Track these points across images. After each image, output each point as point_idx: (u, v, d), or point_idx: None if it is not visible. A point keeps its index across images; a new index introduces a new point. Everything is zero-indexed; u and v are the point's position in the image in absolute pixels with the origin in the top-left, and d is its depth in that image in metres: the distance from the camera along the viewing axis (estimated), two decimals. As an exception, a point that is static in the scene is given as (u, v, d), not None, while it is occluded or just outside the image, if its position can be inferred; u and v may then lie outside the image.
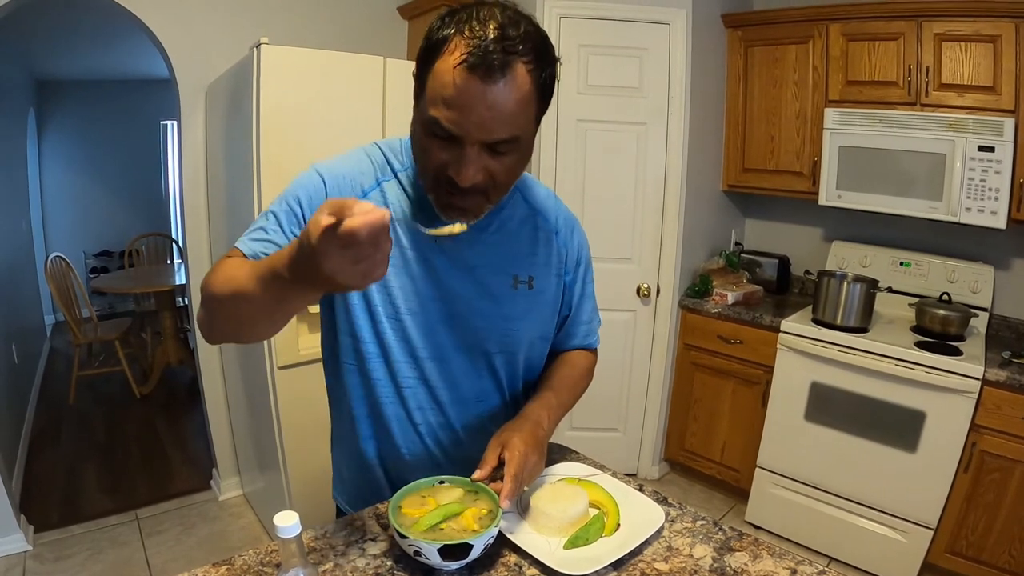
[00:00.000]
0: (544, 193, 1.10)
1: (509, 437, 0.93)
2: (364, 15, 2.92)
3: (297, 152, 2.00)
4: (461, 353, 1.02)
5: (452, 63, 0.77)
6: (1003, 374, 2.10)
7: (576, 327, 1.17)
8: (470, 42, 0.76)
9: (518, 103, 0.80)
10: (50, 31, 4.00)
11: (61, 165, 5.88)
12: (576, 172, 2.84)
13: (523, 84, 0.79)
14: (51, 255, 4.11)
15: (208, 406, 2.84)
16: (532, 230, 1.05)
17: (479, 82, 0.76)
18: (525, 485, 0.93)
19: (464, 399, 1.06)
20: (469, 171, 0.82)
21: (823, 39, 2.63)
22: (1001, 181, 2.23)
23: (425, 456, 1.08)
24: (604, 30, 2.72)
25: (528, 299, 1.04)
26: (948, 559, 2.28)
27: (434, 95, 0.80)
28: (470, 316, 1.00)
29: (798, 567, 0.90)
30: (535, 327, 1.08)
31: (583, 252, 1.13)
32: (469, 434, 1.08)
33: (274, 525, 0.71)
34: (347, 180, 0.95)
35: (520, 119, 0.82)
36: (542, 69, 0.82)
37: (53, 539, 2.55)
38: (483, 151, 0.82)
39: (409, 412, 1.04)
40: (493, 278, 1.01)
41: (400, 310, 0.98)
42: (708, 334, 2.91)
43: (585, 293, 1.16)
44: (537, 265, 1.05)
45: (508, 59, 0.77)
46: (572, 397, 1.14)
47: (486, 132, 0.80)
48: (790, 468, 2.63)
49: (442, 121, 0.79)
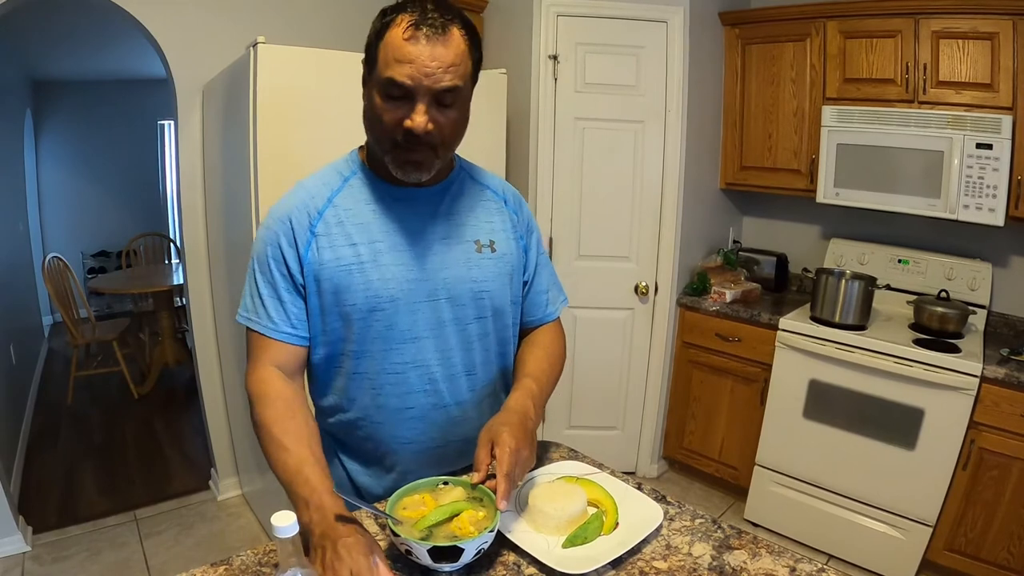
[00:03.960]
0: (490, 174, 1.21)
1: (498, 432, 0.94)
2: (361, 14, 2.89)
3: (294, 151, 2.00)
4: (448, 326, 1.08)
5: (402, 29, 0.91)
6: (1001, 371, 2.10)
7: (538, 295, 1.23)
8: (413, 14, 0.91)
9: (457, 55, 0.93)
10: (46, 31, 3.98)
11: (58, 165, 5.87)
12: (574, 170, 2.84)
13: (460, 44, 0.94)
14: (49, 256, 4.10)
15: (206, 406, 2.84)
16: (484, 202, 1.15)
17: (424, 38, 0.90)
18: (518, 480, 0.94)
19: (455, 373, 1.11)
20: (423, 118, 0.93)
21: (820, 37, 2.63)
22: (999, 178, 2.23)
23: (419, 439, 1.11)
24: (601, 28, 2.71)
25: (494, 262, 1.12)
26: (947, 556, 2.28)
27: (386, 59, 0.92)
28: (447, 286, 1.07)
29: (797, 565, 0.90)
30: (505, 289, 1.14)
31: (532, 222, 1.23)
32: (462, 409, 1.13)
33: (272, 525, 0.71)
34: (299, 210, 1.04)
35: (460, 70, 0.94)
36: (474, 45, 0.97)
37: (51, 540, 2.54)
38: (432, 104, 0.94)
39: (400, 398, 1.08)
40: (458, 247, 1.09)
41: (382, 299, 1.02)
42: (706, 332, 2.91)
43: (540, 261, 1.23)
44: (495, 231, 1.14)
45: (446, 22, 0.92)
46: (551, 382, 1.18)
47: (433, 80, 0.92)
48: (789, 466, 2.63)
49: (396, 77, 0.91)
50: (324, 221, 1.03)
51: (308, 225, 1.03)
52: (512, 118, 2.72)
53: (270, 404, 0.99)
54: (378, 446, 1.12)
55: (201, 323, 2.77)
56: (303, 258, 1.02)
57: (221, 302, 2.65)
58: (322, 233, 1.02)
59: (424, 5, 0.92)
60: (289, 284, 1.03)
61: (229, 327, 2.58)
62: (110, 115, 5.96)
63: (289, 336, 1.04)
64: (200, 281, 2.73)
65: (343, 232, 1.03)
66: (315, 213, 1.03)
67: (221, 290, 2.62)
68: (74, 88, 5.76)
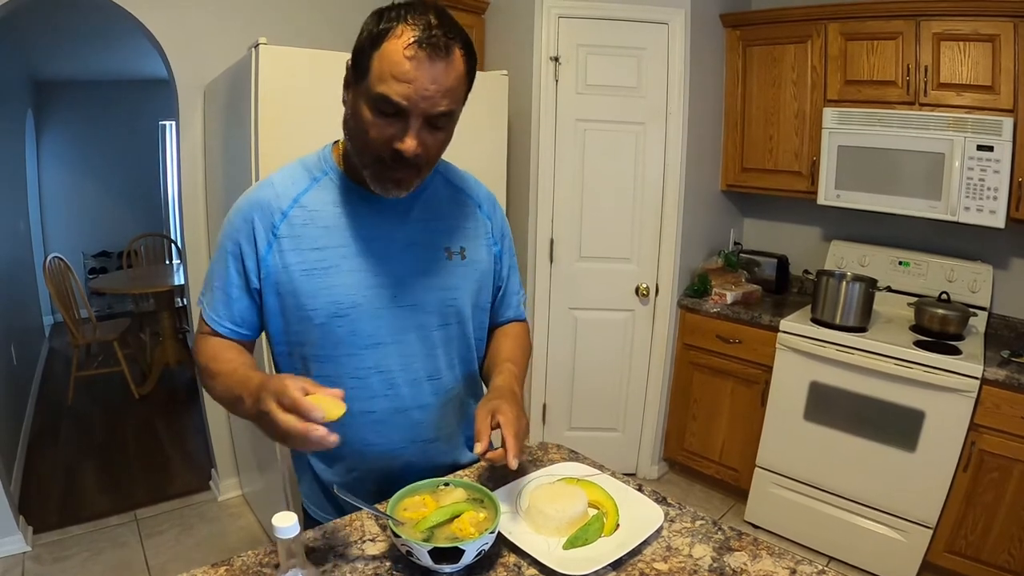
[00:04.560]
0: (463, 174, 1.19)
1: (497, 405, 0.97)
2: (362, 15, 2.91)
3: (295, 152, 1.96)
4: (411, 332, 1.07)
5: (402, 44, 0.86)
6: (1002, 373, 2.10)
7: (509, 297, 1.25)
8: (416, 27, 0.87)
9: (457, 79, 0.91)
10: (48, 31, 3.99)
11: (59, 166, 5.87)
12: (575, 172, 2.84)
13: (459, 65, 0.91)
14: (50, 256, 4.10)
15: (207, 407, 2.84)
16: (457, 206, 1.13)
17: (426, 59, 0.86)
18: (522, 443, 0.97)
19: (418, 379, 1.09)
20: (414, 143, 0.90)
21: (821, 39, 2.63)
22: (1000, 180, 2.23)
23: (380, 441, 1.09)
24: (602, 30, 2.72)
25: (463, 269, 1.11)
26: (947, 558, 2.28)
27: (383, 73, 0.88)
28: (412, 293, 1.06)
29: (797, 567, 0.90)
30: (474, 296, 1.13)
31: (505, 227, 1.22)
32: (425, 412, 1.11)
33: (273, 526, 0.71)
34: (263, 210, 1.02)
35: (457, 94, 0.93)
36: (471, 63, 0.94)
37: (52, 540, 2.54)
38: (423, 125, 0.91)
39: (362, 402, 1.05)
40: (426, 253, 1.07)
41: (343, 305, 1.01)
42: (707, 334, 2.91)
43: (512, 265, 1.24)
44: (467, 237, 1.12)
45: (449, 42, 0.88)
46: (525, 367, 1.20)
47: (431, 103, 0.89)
48: (789, 468, 2.63)
49: (392, 96, 0.87)
50: (288, 222, 1.01)
51: (271, 226, 1.01)
52: (513, 120, 2.73)
53: (202, 351, 1.05)
54: (340, 448, 1.11)
55: (202, 323, 2.76)
56: (262, 259, 1.01)
57: (222, 303, 2.65)
58: (285, 235, 1.01)
59: (428, 19, 0.87)
60: (241, 282, 1.03)
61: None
62: (111, 115, 5.97)
63: (229, 331, 1.05)
64: (201, 281, 2.72)
65: (308, 235, 1.01)
66: (279, 214, 1.01)
67: (222, 291, 2.62)
68: (75, 88, 5.77)
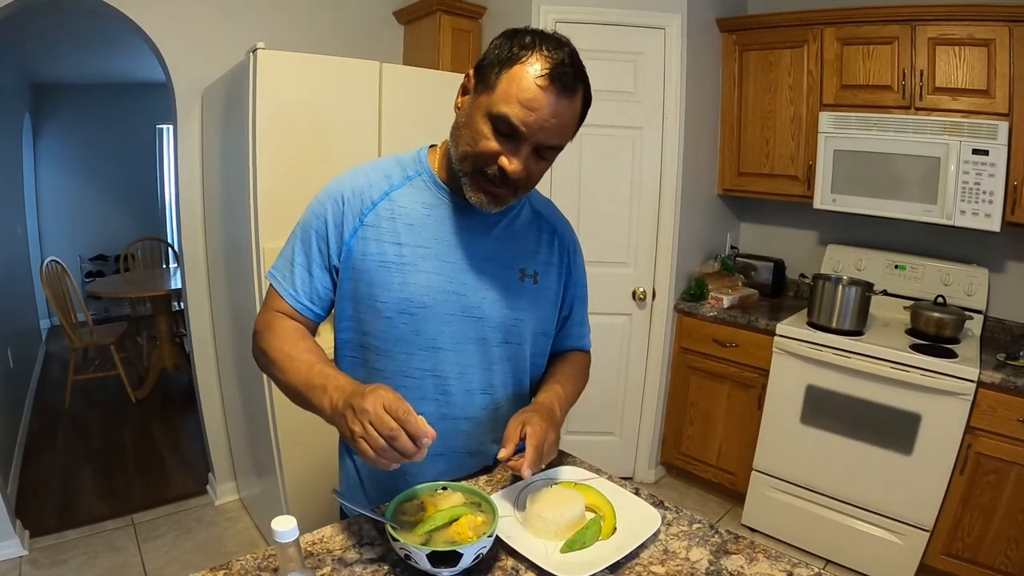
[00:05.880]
0: (545, 200, 1.21)
1: (530, 417, 0.99)
2: (360, 20, 2.93)
3: (293, 156, 2.00)
4: (472, 344, 1.08)
5: (536, 72, 0.90)
6: (998, 376, 2.11)
7: (573, 328, 1.26)
8: (551, 60, 0.91)
9: (573, 118, 0.95)
10: (46, 34, 3.99)
11: (57, 169, 5.87)
12: (572, 176, 2.84)
13: (578, 105, 0.95)
14: (47, 259, 4.09)
15: (204, 410, 2.84)
16: (537, 231, 1.15)
17: (555, 93, 0.90)
18: (544, 460, 0.97)
19: (471, 389, 1.11)
20: (520, 166, 0.94)
21: (817, 43, 2.65)
22: (995, 184, 2.25)
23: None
24: (599, 35, 2.72)
25: (533, 293, 1.12)
26: (944, 561, 2.28)
27: (508, 95, 0.91)
28: (481, 307, 1.07)
29: (794, 570, 0.90)
30: (539, 321, 1.15)
31: (579, 257, 1.23)
32: (472, 424, 1.13)
33: (271, 530, 0.71)
34: (354, 194, 1.05)
35: (569, 131, 0.96)
36: (587, 106, 0.98)
37: (49, 544, 2.53)
38: (532, 152, 0.94)
39: (413, 403, 1.05)
40: (502, 271, 1.09)
41: (413, 303, 1.03)
42: (704, 338, 2.91)
43: (580, 296, 1.25)
44: (541, 263, 1.14)
45: (576, 83, 0.93)
46: (576, 392, 1.21)
47: (546, 135, 0.93)
48: (786, 471, 2.63)
49: (512, 118, 0.91)
50: (376, 213, 1.04)
51: (359, 212, 1.04)
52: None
53: (277, 333, 1.03)
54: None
55: (199, 327, 2.76)
56: (345, 242, 1.04)
57: (219, 306, 2.65)
58: (371, 224, 1.04)
59: (563, 56, 0.91)
60: (323, 262, 1.06)
61: (227, 331, 2.58)
62: (109, 119, 5.97)
63: (305, 309, 1.07)
64: (198, 285, 2.73)
65: (392, 228, 1.04)
66: (369, 203, 1.04)
67: (219, 295, 2.62)
68: (73, 91, 5.76)
